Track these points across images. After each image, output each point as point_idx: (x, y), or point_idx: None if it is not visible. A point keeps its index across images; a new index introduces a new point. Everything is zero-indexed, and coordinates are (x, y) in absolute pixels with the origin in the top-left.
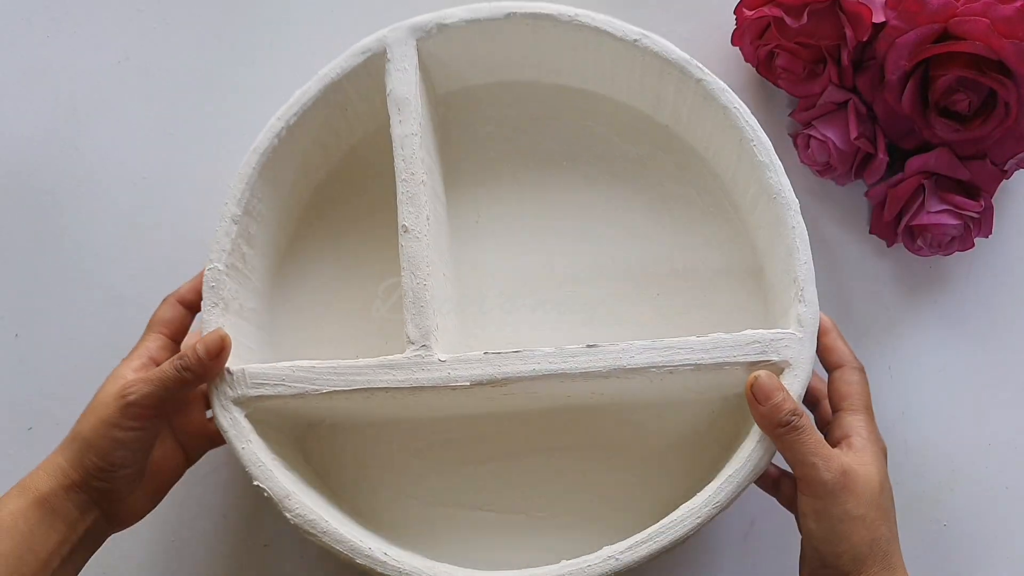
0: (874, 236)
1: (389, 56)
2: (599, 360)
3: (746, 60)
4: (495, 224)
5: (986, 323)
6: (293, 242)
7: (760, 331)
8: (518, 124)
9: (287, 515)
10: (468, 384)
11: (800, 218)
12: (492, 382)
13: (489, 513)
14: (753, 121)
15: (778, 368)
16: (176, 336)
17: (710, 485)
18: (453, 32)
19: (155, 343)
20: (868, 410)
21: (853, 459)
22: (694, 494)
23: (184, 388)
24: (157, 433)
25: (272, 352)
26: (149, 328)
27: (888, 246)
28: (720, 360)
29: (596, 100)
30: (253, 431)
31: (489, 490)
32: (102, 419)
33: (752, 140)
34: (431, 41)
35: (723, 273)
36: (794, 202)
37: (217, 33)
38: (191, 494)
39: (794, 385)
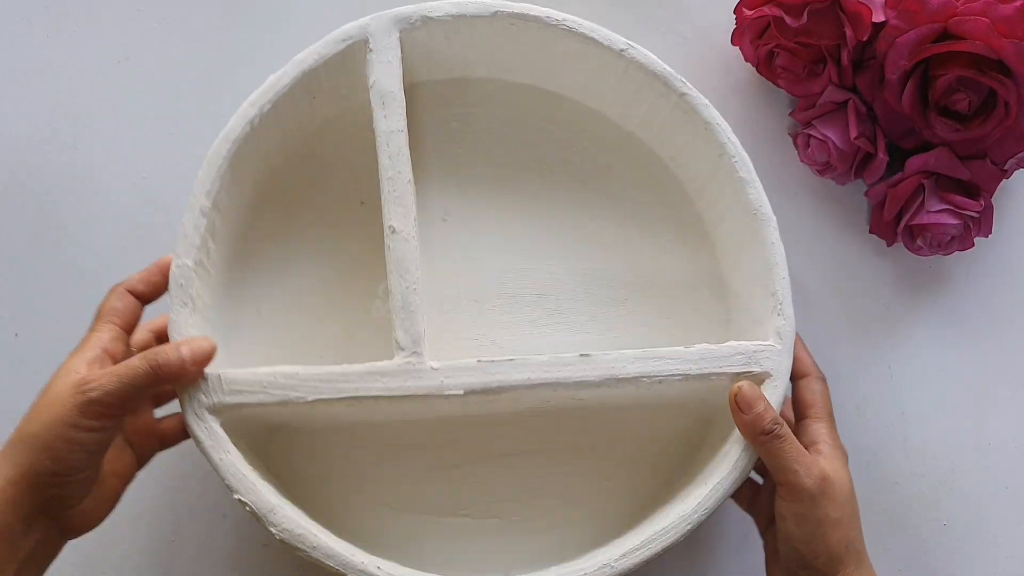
0: (874, 236)
1: (372, 46)
2: (592, 370)
3: (746, 60)
4: (463, 222)
5: (986, 323)
6: (248, 235)
7: (743, 343)
8: (485, 123)
9: (272, 530)
10: (462, 392)
11: (778, 235)
12: (486, 391)
13: (464, 519)
14: (734, 137)
15: (759, 379)
16: (128, 327)
17: (698, 491)
18: (436, 25)
19: (108, 334)
20: (831, 418)
21: (827, 465)
22: (664, 496)
23: (154, 387)
24: (116, 434)
25: (224, 352)
26: (100, 318)
27: (888, 246)
28: (707, 371)
29: (563, 103)
30: (229, 441)
31: (462, 495)
32: (57, 418)
33: (733, 156)
34: (414, 32)
35: (685, 281)
36: (772, 219)
37: (217, 32)
38: (189, 494)
39: (775, 395)
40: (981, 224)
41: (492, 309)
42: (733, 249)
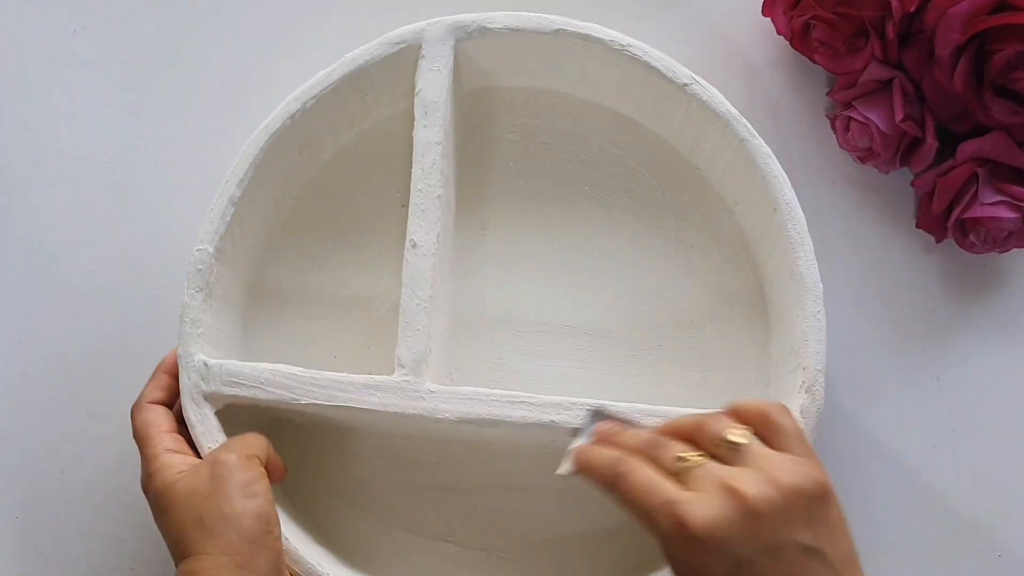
0: (921, 231)
1: (424, 53)
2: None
3: (779, 32)
4: (501, 235)
5: None
6: (280, 228)
7: None
8: (544, 137)
9: None
10: (453, 419)
11: (821, 304)
12: (479, 422)
13: (448, 545)
14: (791, 193)
15: None
16: (173, 429)
17: None
18: (495, 37)
19: (169, 440)
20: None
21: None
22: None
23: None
24: None
25: (242, 345)
26: (146, 437)
27: (937, 242)
28: None
29: (631, 127)
30: (220, 429)
31: (449, 520)
32: (256, 532)
33: (786, 215)
34: (470, 42)
35: (728, 335)
36: (817, 286)
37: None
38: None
39: None
40: None
41: (515, 334)
42: (777, 313)
